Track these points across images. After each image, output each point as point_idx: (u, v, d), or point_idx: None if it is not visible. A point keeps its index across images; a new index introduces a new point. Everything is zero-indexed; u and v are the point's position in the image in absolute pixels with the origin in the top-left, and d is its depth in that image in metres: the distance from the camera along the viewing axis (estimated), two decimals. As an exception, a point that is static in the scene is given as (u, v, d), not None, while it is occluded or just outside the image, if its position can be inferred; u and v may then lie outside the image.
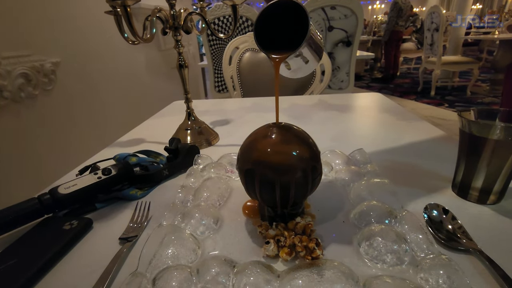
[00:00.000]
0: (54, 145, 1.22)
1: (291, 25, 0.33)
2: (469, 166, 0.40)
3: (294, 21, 0.32)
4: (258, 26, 0.34)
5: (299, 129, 0.37)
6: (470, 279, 0.27)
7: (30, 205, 0.40)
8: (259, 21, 0.34)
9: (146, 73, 1.99)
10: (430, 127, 0.72)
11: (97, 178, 0.45)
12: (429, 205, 0.38)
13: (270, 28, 0.34)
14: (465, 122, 0.39)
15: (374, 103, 1.01)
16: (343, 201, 0.43)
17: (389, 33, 4.56)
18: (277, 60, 0.34)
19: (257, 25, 0.34)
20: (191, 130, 0.69)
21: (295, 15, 0.32)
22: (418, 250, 0.32)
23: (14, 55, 1.04)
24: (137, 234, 0.38)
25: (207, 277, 0.29)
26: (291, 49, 0.32)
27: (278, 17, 0.34)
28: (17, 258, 0.34)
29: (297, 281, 0.27)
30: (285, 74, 0.38)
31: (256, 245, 0.35)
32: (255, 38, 0.34)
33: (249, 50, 1.35)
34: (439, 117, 3.05)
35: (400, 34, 4.56)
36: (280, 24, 0.34)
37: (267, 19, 0.34)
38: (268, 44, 0.34)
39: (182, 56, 0.63)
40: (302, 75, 0.40)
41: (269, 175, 0.34)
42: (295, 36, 0.31)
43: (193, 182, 0.49)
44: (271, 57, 0.34)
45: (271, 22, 0.34)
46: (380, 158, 0.56)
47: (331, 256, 0.33)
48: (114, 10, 0.50)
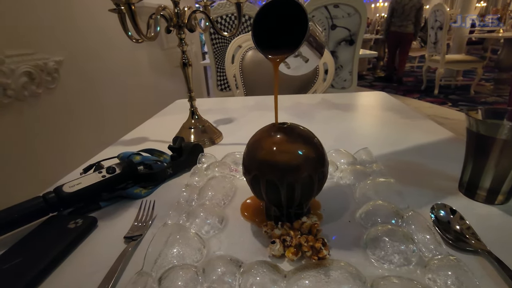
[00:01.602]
0: (57, 143, 1.22)
1: (290, 24, 0.32)
2: (476, 166, 0.40)
3: (293, 19, 0.32)
4: (256, 25, 0.33)
5: (304, 128, 0.37)
6: (479, 281, 0.26)
7: (35, 204, 0.40)
8: (257, 20, 0.33)
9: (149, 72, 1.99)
10: (435, 126, 0.71)
11: (102, 176, 0.45)
12: (436, 205, 0.38)
13: (269, 27, 0.33)
14: (473, 121, 0.39)
15: (378, 102, 1.00)
16: (348, 200, 0.43)
17: (385, 33, 4.47)
18: (276, 61, 0.34)
19: (255, 24, 0.33)
20: (195, 129, 0.68)
21: (294, 14, 0.31)
22: (425, 251, 0.31)
23: (17, 53, 1.04)
24: (142, 233, 0.38)
25: (213, 276, 0.29)
26: (290, 49, 0.31)
27: (276, 16, 0.33)
28: (22, 257, 0.34)
29: (304, 282, 0.27)
30: (286, 72, 0.38)
31: (261, 244, 0.35)
32: (252, 38, 0.34)
33: (252, 48, 1.35)
34: (442, 116, 3.03)
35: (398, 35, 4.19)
36: (279, 23, 0.34)
37: (266, 18, 0.33)
38: (267, 43, 0.34)
39: (186, 55, 0.63)
40: (303, 73, 0.39)
41: (274, 175, 0.33)
42: (295, 34, 0.31)
43: (198, 181, 0.49)
44: (269, 58, 0.34)
45: (269, 21, 0.33)
46: (385, 157, 0.56)
47: (337, 256, 0.33)
48: (118, 8, 0.50)
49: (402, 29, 4.14)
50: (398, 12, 4.11)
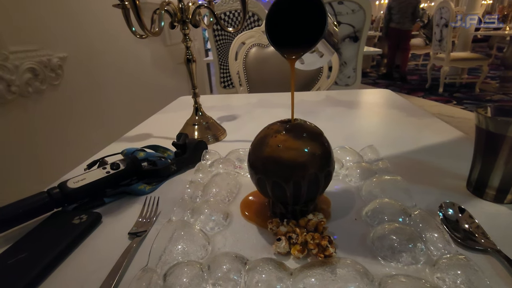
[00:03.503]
0: (61, 139, 1.23)
1: (306, 19, 0.31)
2: (485, 164, 0.39)
3: (309, 14, 0.31)
4: (269, 20, 0.32)
5: (311, 125, 0.37)
6: (489, 280, 0.26)
7: (40, 199, 0.40)
8: (270, 15, 0.32)
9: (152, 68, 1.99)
10: (442, 124, 0.70)
11: (106, 172, 0.45)
12: (444, 204, 0.37)
13: (283, 22, 0.33)
14: (482, 118, 0.38)
15: (383, 99, 0.99)
16: (354, 198, 0.43)
17: (384, 31, 4.45)
18: (292, 58, 0.33)
19: (269, 19, 0.32)
20: (199, 126, 0.68)
21: (310, 8, 0.30)
22: (434, 249, 0.31)
23: (21, 49, 1.04)
24: (146, 229, 0.38)
25: (219, 273, 0.28)
26: (307, 46, 0.30)
27: (291, 11, 0.32)
28: (27, 252, 0.34)
29: (310, 279, 0.27)
30: (299, 67, 0.37)
31: (266, 242, 0.35)
32: (266, 34, 0.33)
33: (255, 45, 1.34)
34: (447, 114, 3.01)
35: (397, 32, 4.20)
36: (294, 18, 0.33)
37: (280, 12, 0.32)
38: (281, 40, 0.33)
39: (190, 51, 0.63)
40: (315, 68, 0.39)
41: (280, 172, 0.33)
42: (311, 30, 0.30)
43: (202, 178, 0.49)
44: (285, 57, 0.33)
45: (284, 16, 0.32)
46: (391, 155, 0.55)
47: (343, 254, 0.32)
48: (122, 4, 0.49)
49: (400, 26, 4.16)
50: (395, 10, 4.13)
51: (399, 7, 4.08)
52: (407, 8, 4.05)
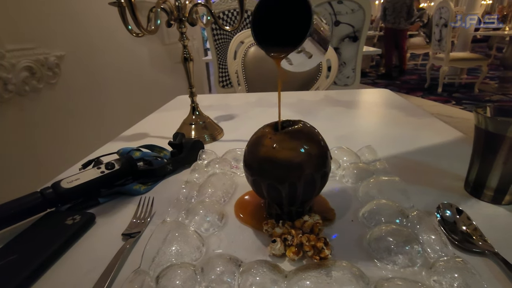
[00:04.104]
0: (58, 138, 1.22)
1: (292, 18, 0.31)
2: (484, 164, 0.38)
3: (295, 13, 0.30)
4: (256, 19, 0.32)
5: (308, 125, 0.36)
6: (486, 283, 0.25)
7: (33, 199, 0.39)
8: (256, 14, 0.31)
9: (149, 67, 1.98)
10: (441, 124, 0.70)
11: (100, 172, 0.44)
12: (442, 205, 0.37)
13: (269, 22, 0.32)
14: (481, 118, 0.37)
15: (382, 99, 0.99)
16: (351, 199, 0.42)
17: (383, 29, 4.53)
18: (279, 58, 0.32)
19: (255, 18, 0.32)
20: (196, 125, 0.68)
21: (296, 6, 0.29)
22: (431, 252, 0.30)
23: (18, 48, 1.03)
24: (140, 230, 0.37)
25: (212, 276, 0.28)
26: (292, 45, 0.29)
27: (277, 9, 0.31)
28: (18, 253, 0.33)
29: (305, 282, 0.26)
30: (288, 69, 0.36)
31: (261, 243, 0.35)
32: (252, 33, 0.32)
33: (254, 44, 1.33)
34: (446, 115, 3.01)
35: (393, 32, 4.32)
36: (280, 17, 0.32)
37: (266, 12, 0.31)
38: (267, 38, 0.32)
39: (187, 49, 0.62)
40: (306, 69, 0.38)
41: (276, 172, 0.32)
42: (297, 28, 0.29)
43: (198, 178, 0.48)
44: (270, 56, 0.32)
45: (270, 15, 0.32)
46: (388, 155, 0.54)
47: (339, 256, 0.32)
48: (118, 2, 0.49)
49: (396, 25, 4.27)
50: (389, 10, 4.22)
51: (393, 8, 4.17)
52: (401, 8, 4.14)
